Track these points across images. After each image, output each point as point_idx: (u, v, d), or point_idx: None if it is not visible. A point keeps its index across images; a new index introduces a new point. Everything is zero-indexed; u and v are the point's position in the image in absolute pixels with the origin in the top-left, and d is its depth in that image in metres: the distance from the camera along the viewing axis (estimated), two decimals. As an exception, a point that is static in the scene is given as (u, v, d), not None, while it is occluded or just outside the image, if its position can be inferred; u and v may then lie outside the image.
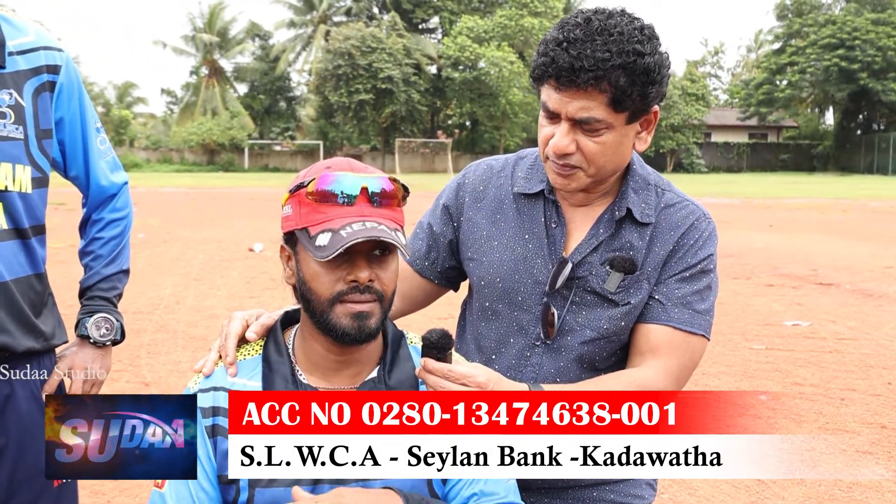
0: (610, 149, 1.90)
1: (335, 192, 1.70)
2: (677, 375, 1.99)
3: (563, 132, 1.88)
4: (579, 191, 2.01)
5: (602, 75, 1.79)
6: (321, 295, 1.71)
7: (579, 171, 1.92)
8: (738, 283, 11.80)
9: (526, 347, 2.07)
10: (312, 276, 1.72)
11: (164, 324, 8.65)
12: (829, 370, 7.22)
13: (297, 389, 1.77)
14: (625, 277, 2.00)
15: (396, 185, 1.76)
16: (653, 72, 1.84)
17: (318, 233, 1.68)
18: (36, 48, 2.29)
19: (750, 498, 4.64)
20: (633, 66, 1.80)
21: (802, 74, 59.24)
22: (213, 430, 1.75)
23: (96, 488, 4.56)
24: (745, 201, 29.10)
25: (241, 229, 17.96)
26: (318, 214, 1.70)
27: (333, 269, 1.70)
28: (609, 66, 1.78)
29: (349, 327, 1.70)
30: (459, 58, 55.93)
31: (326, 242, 1.66)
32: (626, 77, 1.80)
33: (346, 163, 1.77)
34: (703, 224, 2.05)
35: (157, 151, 64.13)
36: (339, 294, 1.70)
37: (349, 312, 1.70)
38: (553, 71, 1.83)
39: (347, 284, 1.70)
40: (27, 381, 2.29)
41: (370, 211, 1.70)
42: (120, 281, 2.55)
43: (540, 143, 1.97)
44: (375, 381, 1.81)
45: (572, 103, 1.84)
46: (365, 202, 1.71)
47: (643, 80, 1.83)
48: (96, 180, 2.49)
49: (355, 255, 1.69)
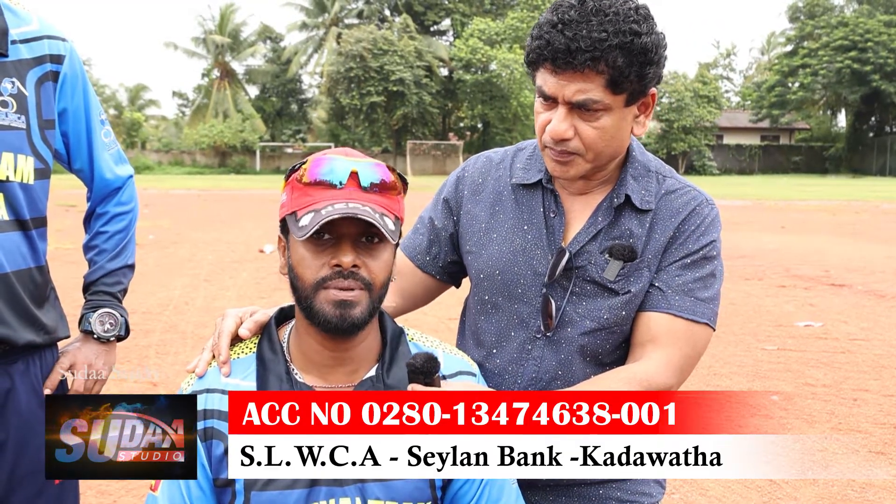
0: (608, 133, 1.86)
1: (324, 176, 1.68)
2: (679, 366, 1.94)
3: (560, 117, 1.85)
4: (578, 178, 1.97)
5: (599, 56, 1.76)
6: (306, 280, 1.69)
7: (577, 157, 1.89)
8: (750, 283, 11.76)
9: (527, 341, 2.03)
10: (298, 261, 1.70)
11: (174, 324, 8.67)
12: (841, 371, 7.19)
13: (293, 388, 1.74)
14: (624, 265, 1.96)
15: (393, 174, 1.73)
16: (650, 51, 1.81)
17: (302, 215, 1.66)
18: (39, 37, 2.26)
19: (762, 498, 4.62)
20: (630, 46, 1.77)
21: (815, 76, 59.13)
22: (206, 434, 1.72)
23: (102, 488, 4.56)
24: (758, 203, 29.03)
25: (252, 231, 18.03)
26: (307, 198, 1.68)
27: (319, 254, 1.67)
28: (606, 47, 1.76)
29: (331, 315, 1.67)
30: (471, 60, 56.00)
31: (308, 222, 1.64)
32: (623, 57, 1.77)
33: (343, 150, 1.75)
34: (705, 210, 2.00)
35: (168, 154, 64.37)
36: (323, 280, 1.67)
37: (332, 300, 1.67)
38: (549, 53, 1.80)
39: (331, 269, 1.67)
40: (28, 375, 2.26)
41: (359, 195, 1.67)
42: (125, 276, 2.52)
43: (537, 130, 1.94)
44: (374, 379, 1.78)
45: (569, 86, 1.81)
46: (354, 187, 1.68)
47: (641, 60, 1.80)
48: (101, 173, 2.46)
49: (342, 239, 1.66)
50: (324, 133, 64.55)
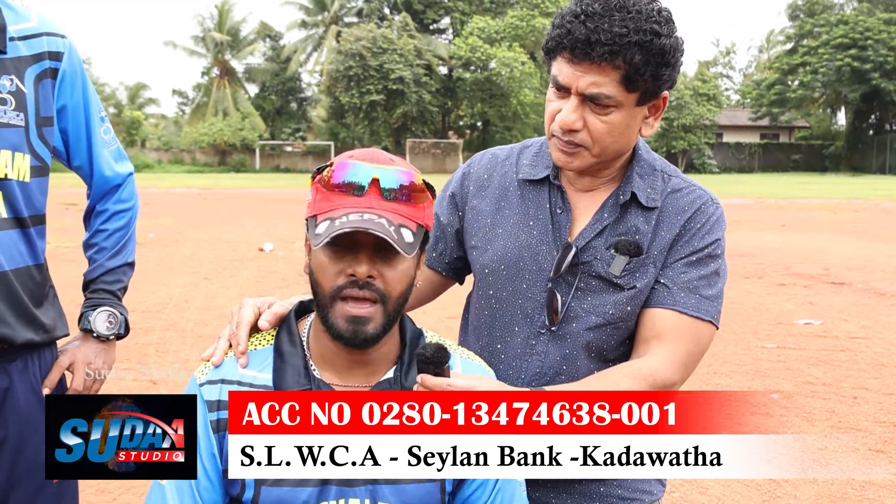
0: (617, 129, 1.88)
1: (346, 182, 1.67)
2: (684, 362, 1.95)
3: (571, 107, 1.86)
4: (583, 171, 1.98)
5: (618, 51, 1.78)
6: (324, 287, 1.68)
7: (583, 149, 1.90)
8: (750, 282, 11.76)
9: (531, 335, 2.03)
10: (317, 267, 1.69)
11: (173, 322, 8.67)
12: (841, 369, 7.19)
13: (311, 384, 1.73)
14: (630, 261, 1.97)
15: (418, 180, 1.70)
16: (668, 53, 1.82)
17: (321, 221, 1.66)
18: (38, 34, 2.25)
19: (762, 496, 4.62)
20: (649, 45, 1.79)
21: (814, 75, 59.05)
22: (219, 425, 1.72)
23: (102, 486, 4.56)
24: (758, 201, 29.02)
25: (252, 229, 18.00)
26: (327, 203, 1.67)
27: (337, 261, 1.66)
28: (626, 42, 1.77)
29: (344, 330, 1.67)
30: (470, 58, 55.92)
31: (322, 231, 1.63)
32: (641, 55, 1.79)
33: (370, 153, 1.72)
34: (711, 208, 2.01)
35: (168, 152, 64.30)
36: (339, 289, 1.66)
37: (346, 315, 1.66)
38: (568, 42, 1.81)
39: (347, 278, 1.66)
40: (26, 373, 2.25)
41: (379, 204, 1.66)
42: (125, 274, 2.50)
43: (546, 118, 1.95)
44: (391, 381, 1.77)
45: (584, 77, 1.83)
46: (375, 194, 1.66)
47: (657, 61, 1.81)
48: (100, 170, 2.44)
49: (359, 248, 1.65)
50: (323, 131, 64.48)
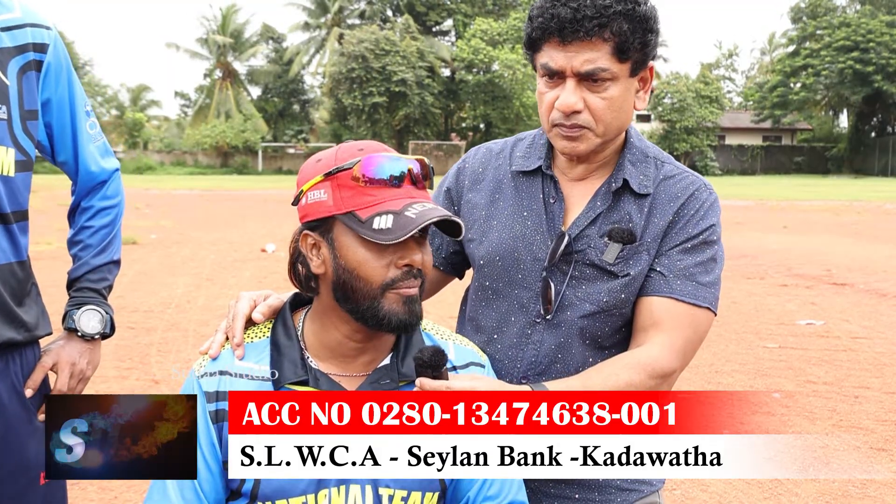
0: (616, 103, 1.90)
1: (385, 174, 1.68)
2: (683, 349, 1.94)
3: (570, 89, 1.88)
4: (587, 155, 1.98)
5: (605, 22, 1.82)
6: (372, 282, 1.68)
7: (587, 131, 1.91)
8: (752, 282, 11.76)
9: (527, 325, 2.04)
10: (360, 263, 1.68)
11: (175, 322, 8.68)
12: (842, 368, 7.20)
13: (308, 374, 1.74)
14: (623, 248, 1.97)
15: (427, 166, 1.75)
16: (651, 19, 1.87)
17: (373, 215, 1.65)
18: (22, 25, 2.18)
19: (763, 494, 4.62)
20: (633, 13, 1.84)
21: (817, 77, 59.08)
22: (217, 416, 1.73)
23: (103, 485, 4.56)
24: (760, 203, 29.01)
25: (254, 231, 18.01)
26: (368, 197, 1.67)
27: (383, 254, 1.67)
28: (611, 13, 1.82)
29: (403, 313, 1.69)
30: (473, 60, 55.97)
31: (390, 224, 1.63)
32: (627, 23, 1.83)
33: (378, 144, 1.75)
34: (704, 194, 2.02)
35: (170, 154, 64.39)
36: (393, 281, 1.68)
37: (401, 298, 1.68)
38: (556, 25, 1.83)
39: (400, 269, 1.68)
40: (8, 374, 2.18)
41: (415, 192, 1.71)
42: (110, 272, 2.44)
43: (543, 112, 1.96)
44: (388, 368, 1.79)
45: (577, 56, 1.85)
46: (409, 184, 1.70)
47: (643, 28, 1.86)
48: (86, 166, 2.38)
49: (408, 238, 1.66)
50: (326, 133, 64.52)
